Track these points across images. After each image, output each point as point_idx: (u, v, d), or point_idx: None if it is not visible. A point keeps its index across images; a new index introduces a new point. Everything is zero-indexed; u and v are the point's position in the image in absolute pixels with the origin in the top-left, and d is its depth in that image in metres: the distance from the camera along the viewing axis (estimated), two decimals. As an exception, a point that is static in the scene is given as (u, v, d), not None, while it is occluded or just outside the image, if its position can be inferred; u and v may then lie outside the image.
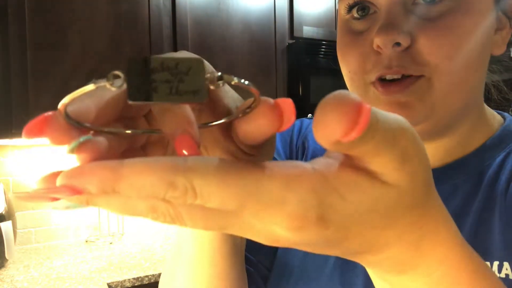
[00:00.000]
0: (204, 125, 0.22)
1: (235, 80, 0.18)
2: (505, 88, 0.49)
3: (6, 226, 1.49)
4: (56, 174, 0.19)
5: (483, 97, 0.44)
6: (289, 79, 2.05)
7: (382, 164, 0.18)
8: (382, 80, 0.39)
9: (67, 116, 0.18)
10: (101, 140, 0.20)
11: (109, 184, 0.17)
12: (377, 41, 0.37)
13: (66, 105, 0.19)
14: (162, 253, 1.67)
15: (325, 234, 0.19)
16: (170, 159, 0.17)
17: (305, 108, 1.88)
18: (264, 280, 0.52)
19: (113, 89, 0.17)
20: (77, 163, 0.19)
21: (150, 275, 1.43)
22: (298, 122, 0.59)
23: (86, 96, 0.20)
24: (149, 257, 1.63)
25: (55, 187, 0.19)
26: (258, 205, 0.18)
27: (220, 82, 0.17)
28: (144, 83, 0.16)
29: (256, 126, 0.20)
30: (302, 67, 1.99)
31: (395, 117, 0.19)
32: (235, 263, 0.42)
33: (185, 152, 0.20)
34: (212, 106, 0.24)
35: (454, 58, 0.36)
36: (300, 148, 0.56)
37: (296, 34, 2.06)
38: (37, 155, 1.86)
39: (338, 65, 0.44)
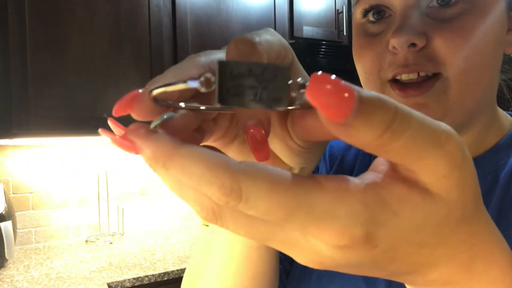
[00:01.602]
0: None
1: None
2: None
3: (6, 226, 1.49)
4: (138, 127, 0.20)
5: (495, 97, 0.45)
6: (289, 79, 2.04)
7: (429, 169, 0.17)
8: (398, 82, 0.40)
9: (153, 97, 0.20)
10: (181, 116, 0.21)
11: (162, 158, 0.18)
12: (393, 42, 0.38)
13: (154, 93, 0.20)
14: (162, 253, 1.67)
15: (372, 253, 0.18)
16: (226, 157, 0.17)
17: (305, 108, 1.88)
18: (286, 274, 0.51)
19: (203, 90, 0.18)
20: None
21: (150, 275, 1.43)
22: None
23: (170, 76, 0.21)
24: (149, 257, 1.63)
25: (120, 136, 0.20)
26: (307, 218, 0.17)
27: (302, 91, 0.18)
28: (233, 87, 0.17)
29: (319, 126, 0.19)
30: (302, 67, 1.99)
31: (437, 122, 0.18)
32: (270, 262, 0.41)
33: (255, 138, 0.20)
34: None
35: (469, 58, 0.37)
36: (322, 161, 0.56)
37: (296, 34, 2.06)
38: (37, 155, 1.86)
39: (338, 65, 0.44)
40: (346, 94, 0.16)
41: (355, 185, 0.17)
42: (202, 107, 0.21)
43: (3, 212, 1.50)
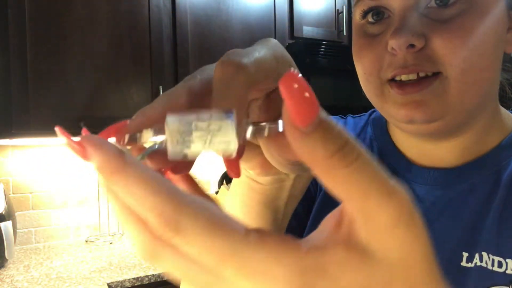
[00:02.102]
0: (254, 124, 0.22)
1: (265, 132, 0.19)
2: None
3: (6, 226, 1.49)
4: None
5: (497, 96, 0.45)
6: (289, 79, 2.04)
7: (371, 216, 0.16)
8: (397, 81, 0.40)
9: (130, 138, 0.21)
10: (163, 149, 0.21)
11: (107, 171, 0.17)
12: (392, 43, 0.38)
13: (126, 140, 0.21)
14: (162, 253, 1.67)
15: None
16: (174, 187, 0.17)
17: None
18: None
19: (156, 146, 0.19)
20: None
21: (150, 275, 1.43)
22: (340, 123, 0.57)
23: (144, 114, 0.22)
24: (149, 257, 1.63)
25: (75, 139, 0.19)
26: (239, 269, 0.16)
27: (250, 135, 0.18)
28: (181, 141, 0.17)
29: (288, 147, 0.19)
30: (302, 67, 1.99)
31: (389, 174, 0.17)
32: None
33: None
34: (270, 107, 0.25)
35: (469, 58, 0.37)
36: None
37: (296, 34, 2.06)
38: (37, 155, 1.86)
39: (338, 65, 0.44)
40: (314, 100, 0.16)
41: (297, 247, 0.17)
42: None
43: (3, 212, 1.50)
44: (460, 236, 0.42)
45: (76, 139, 0.19)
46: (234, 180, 0.38)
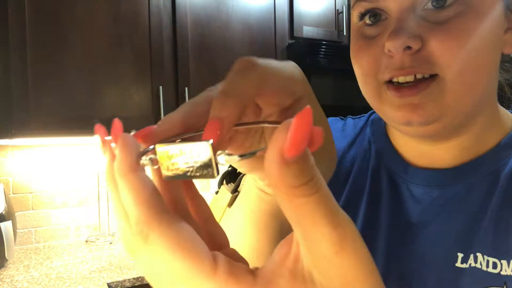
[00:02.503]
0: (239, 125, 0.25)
1: (236, 158, 0.21)
2: None
3: (6, 226, 1.49)
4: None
5: (496, 96, 0.45)
6: (289, 79, 2.04)
7: (316, 243, 0.18)
8: (394, 83, 0.40)
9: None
10: None
11: (117, 172, 0.20)
12: (388, 45, 0.38)
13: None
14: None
15: None
16: (158, 201, 0.20)
17: (305, 108, 1.87)
18: None
19: (154, 167, 0.22)
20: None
21: (150, 275, 1.43)
22: (340, 124, 0.58)
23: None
24: (149, 257, 1.63)
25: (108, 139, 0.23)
26: None
27: (227, 159, 0.21)
28: (171, 165, 0.21)
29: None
30: (302, 67, 1.94)
31: (339, 209, 0.19)
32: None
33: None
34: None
35: (465, 59, 0.37)
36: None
37: (296, 34, 2.06)
38: (37, 155, 1.86)
39: (338, 65, 0.45)
40: (309, 137, 0.17)
41: (246, 281, 0.18)
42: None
43: (3, 212, 1.50)
44: (456, 236, 0.42)
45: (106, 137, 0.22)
46: (243, 190, 0.39)
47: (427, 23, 0.38)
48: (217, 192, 0.49)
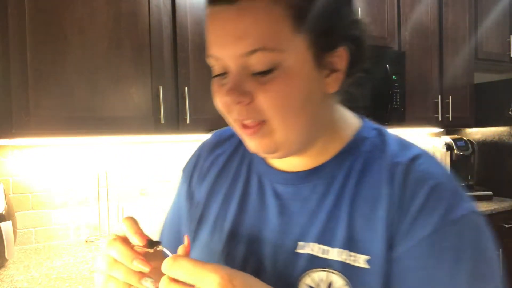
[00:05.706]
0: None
1: (160, 248, 0.42)
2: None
3: (6, 226, 1.49)
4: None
5: (333, 119, 0.57)
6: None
7: None
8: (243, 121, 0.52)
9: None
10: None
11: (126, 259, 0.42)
12: (225, 100, 0.49)
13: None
14: (162, 253, 1.67)
15: None
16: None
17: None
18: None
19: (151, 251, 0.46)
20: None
21: (150, 275, 1.43)
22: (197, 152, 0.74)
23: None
24: (149, 257, 1.63)
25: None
26: None
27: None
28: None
29: None
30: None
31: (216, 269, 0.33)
32: None
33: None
34: None
35: (285, 108, 0.49)
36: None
37: (296, 34, 2.06)
38: (37, 155, 1.86)
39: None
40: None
41: None
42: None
43: (3, 212, 1.50)
44: (300, 227, 0.55)
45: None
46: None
47: (256, 83, 0.48)
48: None
